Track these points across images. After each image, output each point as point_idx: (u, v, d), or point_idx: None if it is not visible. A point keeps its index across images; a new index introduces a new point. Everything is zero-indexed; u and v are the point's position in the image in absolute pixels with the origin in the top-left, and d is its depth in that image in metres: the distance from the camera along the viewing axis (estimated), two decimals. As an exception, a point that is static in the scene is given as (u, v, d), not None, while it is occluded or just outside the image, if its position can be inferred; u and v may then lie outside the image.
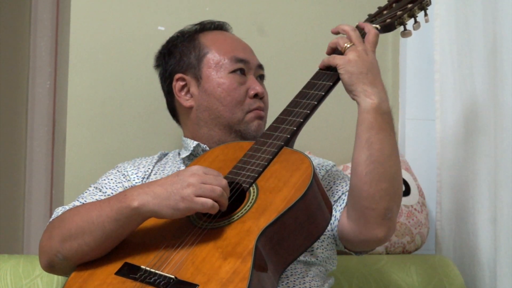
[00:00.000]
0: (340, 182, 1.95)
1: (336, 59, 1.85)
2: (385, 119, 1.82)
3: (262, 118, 2.01)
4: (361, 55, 1.84)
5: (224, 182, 1.69)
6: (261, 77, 2.07)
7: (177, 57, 2.04)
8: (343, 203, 1.89)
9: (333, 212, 1.89)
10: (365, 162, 1.80)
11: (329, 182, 1.97)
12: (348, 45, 1.86)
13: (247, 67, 2.02)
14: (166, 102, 2.10)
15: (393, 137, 1.83)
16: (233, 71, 2.00)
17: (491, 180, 2.21)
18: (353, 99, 1.85)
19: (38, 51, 2.85)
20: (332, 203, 1.90)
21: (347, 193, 1.89)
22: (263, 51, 2.39)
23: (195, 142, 2.00)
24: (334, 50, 1.91)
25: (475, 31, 2.28)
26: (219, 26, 2.11)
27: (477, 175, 2.28)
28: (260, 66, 2.06)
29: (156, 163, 2.03)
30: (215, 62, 2.01)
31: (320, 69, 1.91)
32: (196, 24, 2.09)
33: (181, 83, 2.03)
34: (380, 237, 1.82)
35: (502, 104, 2.13)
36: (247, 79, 2.01)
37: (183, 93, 2.03)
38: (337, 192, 1.93)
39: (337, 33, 1.93)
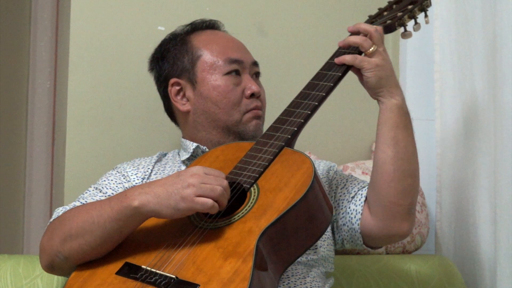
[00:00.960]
0: (351, 180, 1.97)
1: (364, 63, 1.86)
2: (407, 118, 1.88)
3: (260, 117, 2.01)
4: (385, 58, 1.86)
5: (225, 182, 1.69)
6: (256, 75, 2.06)
7: (171, 61, 2.04)
8: (361, 197, 1.91)
9: (353, 207, 1.91)
10: (392, 159, 1.84)
11: (341, 181, 1.98)
12: (372, 49, 1.86)
13: (241, 67, 2.01)
14: (164, 105, 2.09)
15: (413, 136, 1.89)
16: (228, 73, 2.00)
17: (491, 179, 2.21)
18: (376, 99, 1.88)
19: (38, 51, 2.85)
20: (350, 199, 1.92)
21: (363, 189, 1.92)
22: (263, 51, 2.40)
23: (195, 144, 2.00)
24: (349, 48, 1.91)
25: (475, 31, 2.28)
26: (211, 25, 2.09)
27: (477, 175, 2.28)
28: (255, 63, 2.06)
29: (155, 163, 2.03)
30: (209, 65, 2.00)
31: (336, 62, 1.89)
32: (187, 25, 2.09)
33: (177, 88, 2.03)
34: (406, 231, 1.88)
35: (502, 104, 2.13)
36: (242, 79, 2.01)
37: (179, 98, 2.03)
38: (352, 188, 1.94)
39: (355, 32, 1.92)
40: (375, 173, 1.87)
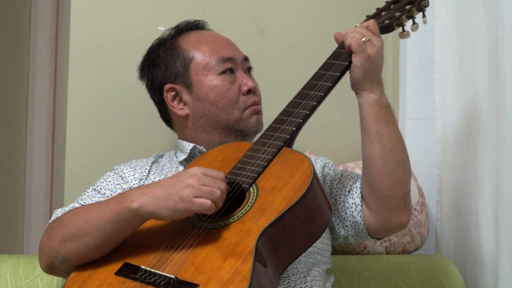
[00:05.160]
0: (346, 175, 1.98)
1: (359, 48, 1.84)
2: (388, 111, 1.88)
3: (259, 112, 2.01)
4: (378, 51, 1.86)
5: (223, 184, 1.69)
6: (249, 70, 2.06)
7: (163, 67, 2.03)
8: (357, 190, 1.92)
9: (352, 200, 1.92)
10: (380, 154, 1.85)
11: (336, 176, 1.98)
12: (365, 39, 1.85)
13: (234, 64, 2.01)
14: (159, 111, 2.09)
15: (397, 127, 1.89)
16: (223, 72, 2.00)
17: (492, 179, 2.21)
18: (356, 91, 1.88)
19: (38, 51, 2.85)
20: (346, 193, 1.93)
21: (357, 181, 1.93)
22: (263, 51, 2.40)
23: (191, 145, 2.00)
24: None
25: (477, 31, 2.28)
26: (196, 26, 2.09)
27: (479, 175, 2.28)
28: (246, 59, 2.05)
29: (152, 164, 2.03)
30: (203, 66, 2.00)
31: (336, 36, 1.91)
32: (172, 29, 2.08)
33: (172, 93, 2.02)
34: (405, 221, 1.90)
35: (504, 104, 2.13)
36: (236, 76, 2.01)
37: (176, 103, 2.02)
38: (348, 182, 1.95)
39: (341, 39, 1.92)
40: (365, 170, 1.88)
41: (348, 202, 1.92)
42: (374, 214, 1.89)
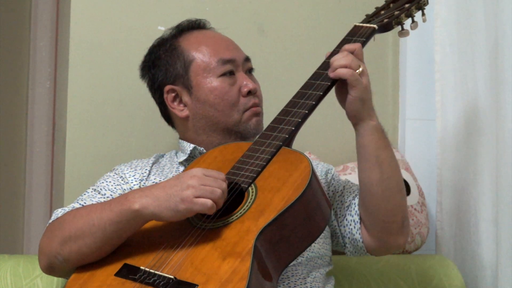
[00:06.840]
0: (348, 188, 1.98)
1: (357, 82, 1.80)
2: (385, 136, 1.87)
3: (259, 114, 2.01)
4: (368, 79, 1.83)
5: (224, 184, 1.69)
6: (250, 71, 2.05)
7: (163, 68, 2.02)
8: (355, 207, 1.92)
9: (350, 217, 1.92)
10: (379, 181, 1.84)
11: (339, 187, 1.98)
12: (360, 70, 1.82)
13: (234, 66, 2.00)
14: (160, 111, 2.09)
15: (393, 151, 1.88)
16: (222, 74, 1.99)
17: (492, 180, 2.21)
18: (355, 122, 1.85)
19: (38, 51, 2.85)
20: (345, 208, 1.93)
21: (356, 198, 1.92)
22: (263, 51, 2.40)
23: (192, 145, 2.00)
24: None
25: (477, 31, 2.28)
26: (197, 25, 2.08)
27: (478, 175, 2.28)
28: (247, 59, 2.04)
29: (152, 164, 2.03)
30: (203, 68, 1.99)
31: (332, 77, 1.85)
32: (173, 28, 2.07)
33: (172, 94, 2.02)
34: (403, 244, 1.90)
35: (504, 104, 2.12)
36: (236, 78, 2.00)
37: (176, 104, 2.02)
38: (347, 197, 1.95)
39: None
40: (364, 196, 1.87)
41: (347, 220, 1.92)
42: (373, 238, 1.89)
